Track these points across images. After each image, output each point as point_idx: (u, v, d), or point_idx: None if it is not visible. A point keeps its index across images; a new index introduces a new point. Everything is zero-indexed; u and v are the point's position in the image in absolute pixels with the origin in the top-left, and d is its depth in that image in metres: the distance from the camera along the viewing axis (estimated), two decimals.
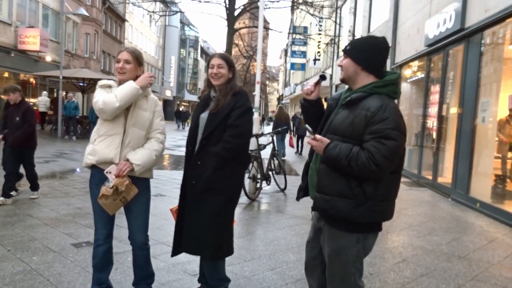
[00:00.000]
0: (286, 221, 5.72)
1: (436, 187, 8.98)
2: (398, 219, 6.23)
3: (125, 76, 2.82)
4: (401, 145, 2.09)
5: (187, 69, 66.07)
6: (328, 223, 2.27)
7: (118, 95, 2.68)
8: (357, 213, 2.11)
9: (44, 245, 4.22)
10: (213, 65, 2.96)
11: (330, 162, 2.14)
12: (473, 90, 7.46)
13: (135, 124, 2.82)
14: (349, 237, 2.21)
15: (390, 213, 2.23)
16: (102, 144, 2.78)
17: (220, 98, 2.92)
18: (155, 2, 17.30)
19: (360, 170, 2.04)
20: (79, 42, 27.59)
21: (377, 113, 2.06)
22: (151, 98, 2.97)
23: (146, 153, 2.84)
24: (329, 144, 2.13)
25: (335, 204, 2.14)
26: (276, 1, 14.67)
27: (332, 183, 2.16)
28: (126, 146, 2.79)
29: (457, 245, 5.06)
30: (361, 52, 2.23)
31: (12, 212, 5.37)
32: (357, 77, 2.25)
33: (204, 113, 3.01)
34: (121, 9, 34.75)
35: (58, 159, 10.82)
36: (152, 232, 4.20)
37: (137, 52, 2.92)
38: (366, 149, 2.05)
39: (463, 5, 7.97)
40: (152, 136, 2.94)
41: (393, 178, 2.18)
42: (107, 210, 2.78)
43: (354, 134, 2.11)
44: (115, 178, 2.70)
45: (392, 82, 2.22)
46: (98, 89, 2.86)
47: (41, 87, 23.36)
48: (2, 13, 19.36)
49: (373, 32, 15.07)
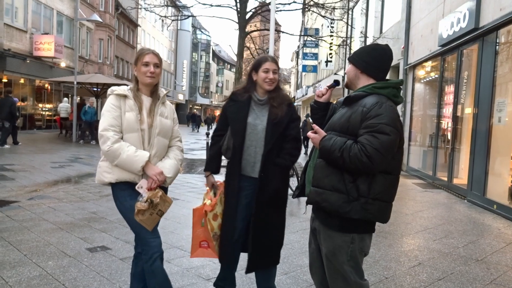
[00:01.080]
0: (300, 224, 5.69)
1: (452, 188, 8.85)
2: (413, 222, 6.15)
3: (155, 80, 2.72)
4: (394, 140, 2.13)
5: (199, 73, 66.49)
6: (322, 223, 2.31)
7: (122, 158, 2.54)
8: (348, 208, 2.14)
9: (59, 249, 4.26)
10: (269, 70, 2.87)
11: (324, 154, 2.20)
12: (489, 90, 7.35)
13: (160, 133, 2.71)
14: (343, 237, 2.24)
15: (385, 215, 2.24)
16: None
17: (277, 106, 2.87)
18: (167, 7, 17.41)
19: (352, 161, 2.08)
20: (93, 47, 27.95)
21: (372, 109, 2.12)
22: (168, 105, 2.87)
23: (174, 164, 2.77)
24: (324, 137, 2.21)
25: (327, 197, 2.19)
26: (287, 4, 14.67)
27: (326, 177, 2.21)
28: (153, 157, 2.68)
29: (474, 248, 4.98)
30: (361, 56, 2.34)
31: (28, 217, 5.44)
32: (358, 80, 2.35)
33: (251, 117, 2.90)
34: (133, 15, 35.11)
35: (73, 163, 10.94)
36: (166, 236, 4.21)
37: (159, 54, 2.83)
38: (360, 142, 2.11)
39: (477, 4, 7.86)
40: (173, 144, 2.87)
41: (388, 179, 2.20)
42: (145, 226, 2.62)
43: (351, 129, 2.18)
44: (147, 192, 2.60)
45: (393, 85, 2.28)
46: (112, 97, 2.68)
47: (56, 93, 23.72)
48: (18, 21, 19.73)
49: (386, 33, 14.96)
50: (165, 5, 17.52)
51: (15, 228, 4.94)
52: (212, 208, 2.96)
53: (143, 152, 2.60)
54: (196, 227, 3.04)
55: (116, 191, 2.71)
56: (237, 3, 14.05)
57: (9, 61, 18.33)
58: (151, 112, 2.70)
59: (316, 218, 2.37)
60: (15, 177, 8.31)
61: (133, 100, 2.66)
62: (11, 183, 7.69)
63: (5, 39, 18.38)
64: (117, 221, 5.34)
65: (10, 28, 18.83)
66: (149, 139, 2.68)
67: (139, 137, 2.64)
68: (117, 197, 2.72)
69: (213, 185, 3.08)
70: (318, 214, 2.34)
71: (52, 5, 22.26)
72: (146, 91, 2.75)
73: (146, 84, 2.71)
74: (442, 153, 10.12)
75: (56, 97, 24.00)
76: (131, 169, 2.59)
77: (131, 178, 2.64)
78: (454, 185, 8.86)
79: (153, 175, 2.61)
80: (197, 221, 3.03)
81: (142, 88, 2.75)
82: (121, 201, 2.70)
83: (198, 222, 3.03)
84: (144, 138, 2.66)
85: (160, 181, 2.63)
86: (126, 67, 36.90)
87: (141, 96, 2.72)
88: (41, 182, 8.02)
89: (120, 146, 2.56)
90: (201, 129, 40.46)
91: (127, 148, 2.57)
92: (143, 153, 2.60)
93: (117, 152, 2.55)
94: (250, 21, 15.01)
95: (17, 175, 8.61)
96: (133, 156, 2.56)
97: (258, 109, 2.93)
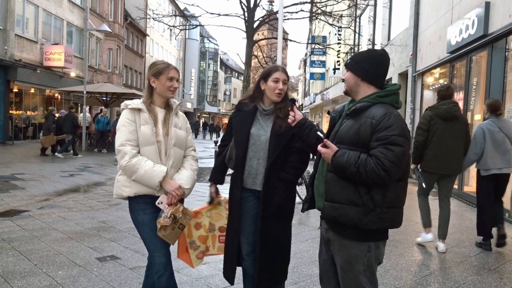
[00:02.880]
0: (309, 233, 5.66)
1: (462, 196, 8.75)
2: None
3: (175, 94, 2.78)
4: (407, 150, 2.15)
5: (207, 81, 66.84)
6: (337, 233, 2.29)
7: (140, 173, 2.56)
8: (366, 220, 2.15)
9: (69, 259, 4.27)
10: (279, 79, 2.81)
11: (339, 170, 2.18)
12: (499, 97, 7.26)
13: (176, 144, 2.72)
14: (360, 246, 2.23)
15: (399, 220, 2.26)
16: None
17: (282, 117, 2.78)
18: (175, 16, 17.56)
19: (369, 176, 2.08)
20: (102, 57, 28.25)
21: (382, 121, 2.13)
22: (181, 115, 2.88)
23: (191, 174, 2.78)
24: (337, 152, 2.18)
25: (345, 211, 2.18)
26: (294, 12, 14.70)
27: (341, 191, 2.20)
28: (170, 168, 2.69)
29: (486, 257, 4.91)
30: (360, 63, 2.33)
31: (38, 226, 5.47)
32: (358, 88, 2.34)
33: (255, 128, 2.86)
34: (142, 24, 35.46)
35: (82, 172, 11.01)
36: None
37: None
38: (374, 156, 2.10)
39: (486, 10, 7.83)
40: (187, 154, 2.88)
41: (400, 186, 2.22)
42: (168, 241, 2.65)
43: (361, 142, 2.17)
44: (167, 207, 2.61)
45: (394, 92, 2.31)
46: (126, 111, 2.68)
47: (65, 102, 23.94)
48: (29, 31, 20.03)
49: (394, 40, 14.93)
50: (174, 15, 17.67)
51: (26, 237, 4.97)
52: (196, 215, 2.95)
53: (160, 167, 2.61)
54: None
55: (132, 204, 2.73)
56: (245, 12, 14.13)
57: (20, 71, 18.58)
58: (165, 124, 2.71)
59: (331, 228, 2.34)
60: (25, 186, 8.38)
61: (148, 113, 2.67)
62: (22, 193, 7.75)
63: (16, 50, 18.65)
64: (127, 230, 5.35)
65: (21, 39, 19.11)
66: (165, 151, 2.69)
67: (156, 150, 2.65)
68: (132, 210, 2.74)
69: (212, 196, 3.05)
70: (333, 225, 2.31)
71: (62, 16, 22.57)
72: (160, 103, 2.76)
73: (168, 97, 2.76)
74: None
75: (66, 106, 24.23)
76: (149, 184, 2.60)
77: (150, 191, 2.65)
78: (464, 193, 8.76)
79: (172, 191, 2.63)
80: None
81: (156, 100, 2.76)
82: (135, 214, 2.72)
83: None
84: (161, 150, 2.67)
85: (179, 196, 2.65)
86: (135, 76, 37.22)
87: (155, 108, 2.74)
88: (51, 191, 8.08)
89: (137, 161, 2.58)
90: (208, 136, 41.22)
91: (145, 163, 2.58)
92: (161, 168, 2.61)
93: (135, 167, 2.57)
94: (258, 29, 15.07)
95: (27, 184, 8.68)
96: (150, 171, 2.57)
97: (263, 119, 2.88)
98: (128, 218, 2.91)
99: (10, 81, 18.53)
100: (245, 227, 2.86)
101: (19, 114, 20.02)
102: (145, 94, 2.79)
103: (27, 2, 19.39)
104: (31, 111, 21.07)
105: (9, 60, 17.94)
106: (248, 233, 2.85)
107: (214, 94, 71.61)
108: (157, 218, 2.61)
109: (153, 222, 2.64)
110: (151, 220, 2.66)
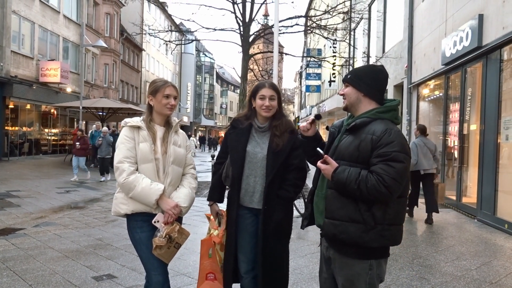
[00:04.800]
0: (308, 248, 5.60)
1: (461, 207, 8.72)
2: (423, 243, 6.04)
3: (173, 111, 2.75)
4: (407, 167, 2.13)
5: (203, 95, 66.94)
6: (337, 251, 2.25)
7: (137, 190, 2.54)
8: (367, 237, 2.12)
9: (65, 278, 4.20)
10: (265, 96, 2.80)
11: (339, 187, 2.15)
12: (495, 108, 7.32)
13: (174, 162, 2.71)
14: (361, 264, 2.19)
15: (399, 237, 2.23)
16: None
17: (279, 135, 2.78)
18: (171, 32, 17.66)
19: (370, 193, 2.05)
20: (98, 72, 28.28)
21: (382, 137, 2.10)
22: (181, 133, 2.87)
23: (189, 193, 2.75)
24: (337, 169, 2.15)
25: (345, 229, 2.15)
26: (289, 26, 14.82)
27: (341, 208, 2.17)
28: (168, 186, 2.67)
29: (487, 270, 4.86)
30: (362, 79, 2.29)
31: (33, 245, 5.39)
32: (360, 104, 2.31)
33: (251, 145, 2.84)
34: (138, 39, 35.60)
35: (78, 188, 10.93)
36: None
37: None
38: (375, 172, 2.08)
39: (480, 23, 7.90)
40: (187, 172, 2.85)
41: (400, 202, 2.20)
42: (163, 260, 2.62)
43: (361, 158, 2.15)
44: (164, 226, 2.58)
45: (394, 108, 2.29)
46: (126, 128, 2.68)
47: (61, 118, 23.91)
48: (25, 48, 20.05)
49: (388, 52, 15.04)
50: (170, 30, 17.76)
51: (21, 256, 4.89)
52: (220, 239, 2.91)
53: (157, 185, 2.59)
54: (203, 259, 2.98)
55: (130, 221, 2.71)
56: (240, 27, 14.21)
57: (16, 87, 18.55)
58: (164, 141, 2.71)
59: (331, 246, 2.30)
60: (20, 204, 8.29)
61: (147, 131, 2.67)
62: (17, 210, 7.67)
63: (12, 66, 18.65)
64: (124, 248, 5.28)
65: (17, 55, 19.13)
66: (163, 168, 2.67)
67: (154, 167, 2.64)
68: (129, 227, 2.72)
69: (218, 214, 3.01)
70: (333, 243, 2.28)
71: (58, 32, 22.64)
72: (159, 120, 2.76)
73: (166, 115, 2.75)
74: (449, 171, 10.02)
75: (62, 122, 24.20)
76: (146, 202, 2.58)
77: (147, 209, 2.63)
78: (463, 204, 8.74)
79: (169, 210, 2.60)
80: (205, 252, 2.96)
81: (155, 118, 2.76)
82: (132, 232, 2.70)
83: (205, 253, 2.96)
84: (159, 167, 2.66)
85: (176, 215, 2.62)
86: (131, 91, 37.25)
87: (154, 126, 2.73)
88: (47, 208, 7.99)
89: (135, 178, 2.56)
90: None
91: (142, 181, 2.56)
92: (158, 186, 2.59)
93: (132, 184, 2.55)
94: (254, 43, 15.15)
95: (22, 201, 8.60)
96: (148, 189, 2.56)
97: (258, 137, 2.86)
98: (125, 235, 2.88)
99: (6, 97, 18.47)
100: (243, 245, 2.82)
101: (15, 130, 19.94)
102: (146, 112, 2.80)
103: (23, 18, 19.44)
104: (27, 127, 20.99)
105: (5, 76, 17.92)
106: (246, 251, 2.81)
107: (211, 107, 71.73)
108: (153, 237, 2.59)
109: (151, 240, 2.61)
110: (148, 238, 2.63)
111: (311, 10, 24.16)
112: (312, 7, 25.10)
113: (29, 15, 19.81)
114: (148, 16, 37.71)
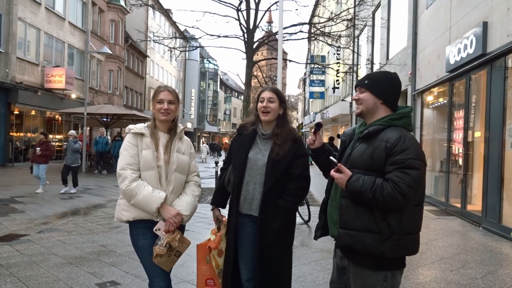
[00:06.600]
0: (312, 255, 5.57)
1: (466, 215, 8.67)
2: (428, 251, 6.00)
3: (170, 117, 2.71)
4: (423, 174, 2.08)
5: (207, 101, 67.18)
6: (353, 262, 2.20)
7: (139, 198, 2.54)
8: (383, 248, 2.07)
9: (68, 285, 4.19)
10: (263, 99, 2.81)
11: (354, 196, 2.11)
12: (499, 115, 7.29)
13: (177, 169, 2.69)
14: (376, 275, 2.14)
15: (416, 247, 2.18)
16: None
17: (280, 144, 2.75)
18: (176, 38, 17.75)
19: (386, 201, 2.01)
20: (103, 79, 28.45)
21: (397, 144, 2.06)
22: (185, 140, 2.86)
23: (191, 201, 2.73)
24: (351, 177, 2.10)
25: (361, 239, 2.10)
26: (294, 33, 14.86)
27: (356, 218, 2.12)
28: (170, 194, 2.66)
29: (493, 279, 4.82)
30: (381, 86, 2.25)
31: (37, 251, 5.40)
32: (377, 110, 2.26)
33: (253, 152, 2.82)
34: (142, 46, 35.82)
35: (82, 194, 10.94)
36: (175, 269, 4.14)
37: (176, 91, 2.82)
38: (390, 180, 2.03)
39: (484, 30, 7.90)
40: (190, 179, 2.83)
41: (416, 210, 2.15)
42: (163, 267, 2.63)
43: (375, 166, 2.11)
44: (165, 235, 2.58)
45: (406, 114, 2.25)
46: (129, 135, 2.68)
47: (66, 124, 24.01)
48: (30, 54, 20.21)
49: (392, 59, 15.04)
50: (174, 37, 17.85)
51: (24, 263, 4.89)
52: (216, 244, 2.89)
53: (159, 193, 2.58)
54: (201, 265, 2.95)
55: (132, 228, 2.70)
56: (244, 34, 14.26)
57: (21, 93, 18.68)
58: (167, 149, 2.69)
59: (346, 257, 2.26)
60: (24, 210, 8.31)
61: (150, 138, 2.66)
62: (21, 216, 7.69)
63: (17, 72, 18.79)
64: (127, 254, 5.28)
65: (23, 61, 19.28)
66: (166, 176, 2.66)
67: (156, 174, 2.63)
68: (132, 234, 2.72)
69: (218, 219, 3.00)
70: (348, 254, 2.23)
71: (63, 39, 22.82)
72: (163, 127, 2.75)
73: (161, 120, 2.72)
74: (454, 178, 9.97)
75: (66, 128, 24.30)
76: (147, 209, 2.58)
77: (149, 216, 2.62)
78: (468, 212, 8.68)
79: (170, 218, 2.59)
80: (202, 258, 2.94)
81: (159, 125, 2.75)
82: (135, 239, 2.69)
83: (203, 259, 2.94)
84: (161, 174, 2.64)
85: (177, 223, 2.61)
86: (136, 97, 37.42)
87: (158, 133, 2.72)
88: (51, 214, 8.00)
89: (137, 185, 2.55)
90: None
91: (144, 188, 2.56)
92: (160, 194, 2.58)
93: (134, 191, 2.54)
94: (258, 50, 15.20)
95: (26, 207, 8.61)
96: (149, 196, 2.55)
97: (262, 143, 2.84)
98: (129, 242, 2.87)
99: (11, 103, 18.60)
100: (244, 253, 2.80)
101: (20, 136, 20.04)
102: (151, 118, 2.80)
103: (28, 25, 19.61)
104: (31, 133, 21.09)
105: (10, 82, 18.05)
106: (247, 259, 2.79)
107: (214, 113, 71.91)
108: (154, 245, 2.59)
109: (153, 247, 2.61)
110: (150, 245, 2.62)
111: (315, 17, 24.20)
112: (316, 14, 25.13)
113: (34, 22, 19.99)
114: (153, 23, 37.94)
